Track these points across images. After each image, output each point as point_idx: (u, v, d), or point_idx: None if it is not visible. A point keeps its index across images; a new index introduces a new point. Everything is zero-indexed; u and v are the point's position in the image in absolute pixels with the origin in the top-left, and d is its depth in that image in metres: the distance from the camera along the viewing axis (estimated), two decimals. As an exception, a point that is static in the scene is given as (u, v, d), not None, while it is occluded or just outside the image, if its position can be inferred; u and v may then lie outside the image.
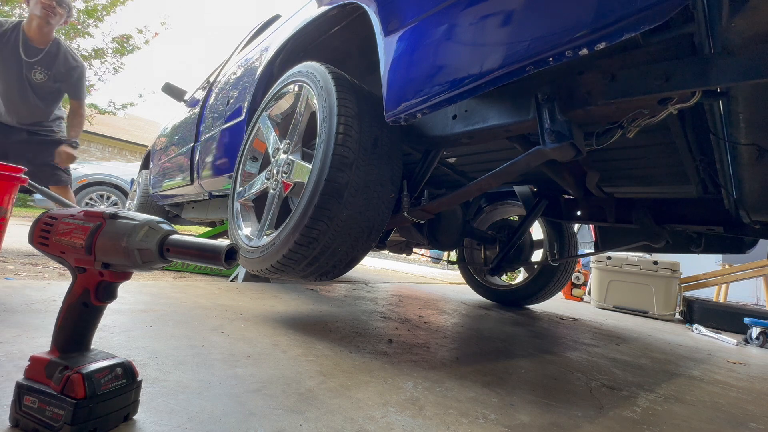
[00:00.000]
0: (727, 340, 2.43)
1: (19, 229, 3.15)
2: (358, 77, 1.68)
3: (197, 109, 2.70)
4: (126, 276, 0.58)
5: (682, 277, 3.46)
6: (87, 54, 9.90)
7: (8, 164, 1.27)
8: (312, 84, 1.28)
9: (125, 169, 6.37)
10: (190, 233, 0.96)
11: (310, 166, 1.18)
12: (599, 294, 3.64)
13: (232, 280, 2.16)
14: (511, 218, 2.67)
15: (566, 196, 2.04)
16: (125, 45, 10.39)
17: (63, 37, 2.77)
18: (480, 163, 1.82)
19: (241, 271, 2.19)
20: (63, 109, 2.85)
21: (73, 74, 2.65)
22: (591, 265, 3.85)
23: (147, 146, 4.43)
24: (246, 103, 1.93)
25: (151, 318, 1.13)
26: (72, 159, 2.68)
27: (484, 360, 1.20)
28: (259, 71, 1.90)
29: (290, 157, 1.33)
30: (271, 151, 1.45)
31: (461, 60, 0.88)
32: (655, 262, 3.40)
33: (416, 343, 1.27)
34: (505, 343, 1.48)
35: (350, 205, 1.10)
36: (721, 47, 0.70)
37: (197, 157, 2.49)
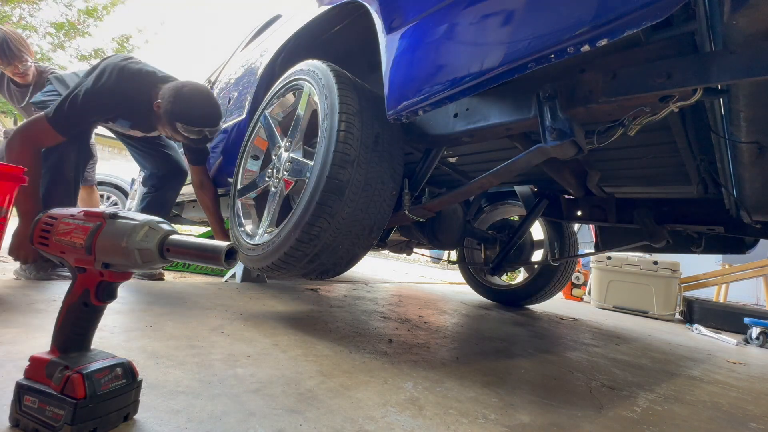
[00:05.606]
0: (727, 340, 2.43)
1: (18, 229, 3.14)
2: (360, 76, 1.67)
3: (197, 109, 2.69)
4: (126, 276, 0.58)
5: (682, 277, 3.46)
6: (87, 54, 9.90)
7: (8, 164, 1.27)
8: (314, 82, 1.28)
9: (125, 169, 6.35)
10: (190, 233, 0.96)
11: (312, 164, 1.17)
12: (599, 294, 3.64)
13: (226, 281, 2.15)
14: (512, 218, 2.67)
15: (567, 196, 2.03)
16: (125, 45, 10.39)
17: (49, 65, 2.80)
18: (481, 162, 1.82)
19: (237, 270, 2.19)
20: None
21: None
22: (591, 265, 3.85)
23: (147, 146, 4.38)
24: (247, 102, 1.93)
25: (151, 318, 1.13)
26: None
27: (484, 360, 1.20)
28: (260, 70, 1.90)
29: (291, 155, 1.32)
30: (272, 149, 1.45)
31: (463, 57, 0.87)
32: (655, 262, 3.40)
33: (416, 343, 1.27)
34: (505, 343, 1.48)
35: (351, 203, 1.10)
36: (722, 45, 0.70)
37: (197, 157, 2.48)
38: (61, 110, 1.50)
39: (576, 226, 2.95)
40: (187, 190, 2.75)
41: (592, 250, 2.42)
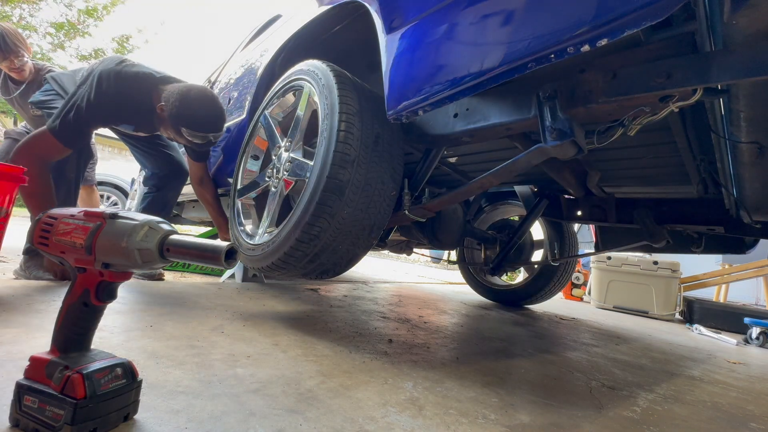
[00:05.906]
0: (727, 340, 2.42)
1: (19, 229, 3.15)
2: (360, 76, 1.68)
3: (197, 109, 2.69)
4: (126, 276, 0.58)
5: (682, 277, 3.46)
6: (87, 54, 9.92)
7: (8, 164, 1.27)
8: (314, 82, 1.28)
9: (125, 169, 6.35)
10: (190, 233, 0.96)
11: (312, 164, 1.17)
12: (599, 294, 3.64)
13: (224, 281, 2.15)
14: (512, 218, 2.67)
15: (567, 196, 2.03)
16: (125, 45, 10.42)
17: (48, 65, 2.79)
18: (481, 162, 1.82)
19: (237, 270, 2.19)
20: None
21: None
22: (591, 265, 3.85)
23: (147, 146, 4.38)
24: (247, 102, 1.93)
25: (151, 318, 1.13)
26: None
27: (484, 360, 1.20)
28: (260, 70, 1.90)
29: (291, 155, 1.32)
30: (272, 149, 1.45)
31: (463, 57, 0.87)
32: (655, 262, 3.40)
33: (416, 343, 1.27)
34: (505, 343, 1.48)
35: (351, 203, 1.10)
36: (722, 45, 0.70)
37: (197, 157, 2.47)
38: (66, 123, 1.48)
39: (576, 226, 2.95)
40: (188, 191, 2.76)
41: (592, 250, 2.42)
